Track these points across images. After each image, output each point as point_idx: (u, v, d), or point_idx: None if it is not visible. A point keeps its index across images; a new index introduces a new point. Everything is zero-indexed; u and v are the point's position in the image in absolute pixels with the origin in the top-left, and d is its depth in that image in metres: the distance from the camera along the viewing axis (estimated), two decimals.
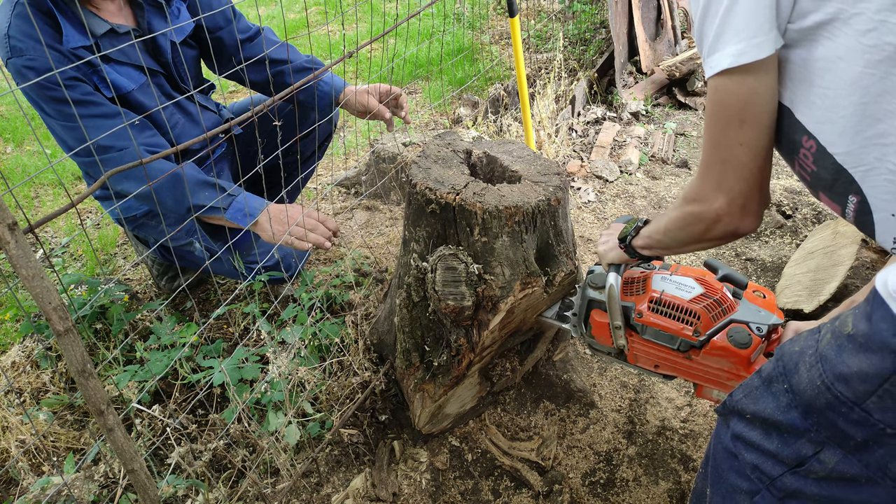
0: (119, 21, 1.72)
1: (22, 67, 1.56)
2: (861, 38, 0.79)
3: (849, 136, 0.86)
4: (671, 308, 1.34)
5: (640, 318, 1.37)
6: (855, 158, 0.87)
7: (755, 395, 0.94)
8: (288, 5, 6.09)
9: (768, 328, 1.27)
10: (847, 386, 0.77)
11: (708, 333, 1.30)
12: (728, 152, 0.95)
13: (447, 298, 1.48)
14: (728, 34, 0.88)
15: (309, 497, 1.66)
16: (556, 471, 1.69)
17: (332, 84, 2.03)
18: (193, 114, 1.95)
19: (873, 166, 0.86)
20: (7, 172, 3.31)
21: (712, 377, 1.35)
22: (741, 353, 1.26)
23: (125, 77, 1.73)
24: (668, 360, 1.40)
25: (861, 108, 0.83)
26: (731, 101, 0.91)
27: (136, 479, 1.17)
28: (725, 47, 0.88)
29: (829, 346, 0.81)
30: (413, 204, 1.55)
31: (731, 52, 0.88)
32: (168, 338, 1.80)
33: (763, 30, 0.86)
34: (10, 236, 0.87)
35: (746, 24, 0.86)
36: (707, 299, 1.31)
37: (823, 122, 0.89)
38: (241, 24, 1.99)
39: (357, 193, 2.98)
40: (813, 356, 0.83)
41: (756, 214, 1.01)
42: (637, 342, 1.42)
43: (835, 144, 0.89)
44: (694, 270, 1.39)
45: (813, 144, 0.92)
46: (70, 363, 1.00)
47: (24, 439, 1.73)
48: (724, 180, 0.98)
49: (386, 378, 1.80)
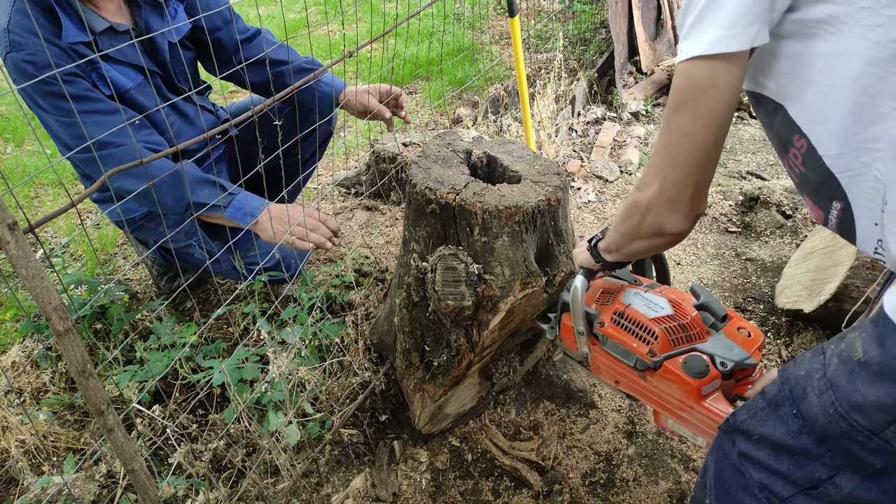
0: (118, 19, 1.73)
1: (21, 62, 1.56)
2: (867, 33, 0.77)
3: (841, 138, 0.84)
4: (632, 323, 1.29)
5: (601, 328, 1.34)
6: (844, 162, 0.86)
7: (761, 417, 0.91)
8: (288, 5, 6.09)
9: (733, 365, 1.20)
10: (863, 415, 0.74)
11: (664, 356, 1.24)
12: (672, 138, 0.93)
13: (447, 298, 1.48)
14: (707, 21, 0.85)
15: (309, 497, 1.66)
16: (556, 471, 1.69)
17: (332, 84, 2.03)
18: (190, 115, 1.95)
19: (860, 172, 0.84)
20: (7, 172, 3.31)
21: (665, 403, 1.29)
22: (692, 382, 1.19)
23: (123, 75, 1.74)
24: (626, 378, 1.35)
25: (857, 109, 0.81)
26: (691, 86, 0.89)
27: (136, 479, 1.17)
28: (701, 34, 0.86)
29: (838, 371, 0.78)
30: (413, 204, 1.55)
31: (706, 39, 0.85)
32: (168, 338, 1.80)
33: (741, 22, 0.83)
34: (10, 236, 0.87)
35: (727, 13, 0.84)
36: (671, 321, 1.26)
37: (817, 120, 0.87)
38: (239, 24, 1.99)
39: (357, 193, 2.98)
40: (821, 381, 0.80)
41: (684, 214, 0.98)
42: (599, 353, 1.38)
43: (826, 146, 0.87)
44: (677, 293, 1.35)
45: (804, 144, 0.90)
46: (70, 363, 1.00)
47: (24, 439, 1.73)
48: (661, 166, 0.96)
49: (386, 378, 1.80)
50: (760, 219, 2.69)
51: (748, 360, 1.21)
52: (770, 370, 1.24)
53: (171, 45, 1.84)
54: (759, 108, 0.99)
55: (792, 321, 2.17)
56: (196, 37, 1.94)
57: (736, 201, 2.86)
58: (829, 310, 1.98)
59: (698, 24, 0.86)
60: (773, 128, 0.95)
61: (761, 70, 0.93)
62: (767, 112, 0.96)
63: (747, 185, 3.03)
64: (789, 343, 2.09)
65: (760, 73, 0.93)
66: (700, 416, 1.21)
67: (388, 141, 2.80)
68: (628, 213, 1.07)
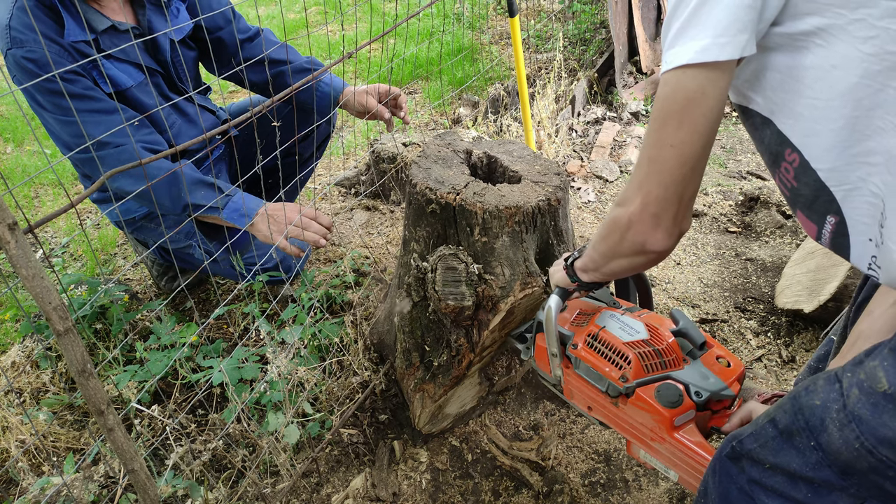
0: (120, 18, 1.73)
1: (21, 59, 1.56)
2: (860, 45, 0.74)
3: (835, 152, 0.82)
4: (605, 346, 1.23)
5: (574, 350, 1.28)
6: (838, 176, 0.83)
7: (773, 446, 0.87)
8: (288, 5, 6.09)
9: (708, 395, 1.14)
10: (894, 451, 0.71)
11: (636, 382, 1.18)
12: (657, 151, 0.89)
13: (447, 298, 1.48)
14: (695, 29, 0.82)
15: (309, 497, 1.66)
16: (556, 471, 1.69)
17: (331, 85, 2.03)
18: (191, 115, 1.95)
19: (856, 186, 0.82)
20: (7, 172, 3.31)
21: (636, 433, 1.22)
22: (664, 412, 1.13)
23: (124, 74, 1.73)
24: (598, 404, 1.29)
25: (852, 122, 0.78)
26: (678, 96, 0.86)
27: (135, 479, 1.17)
28: (688, 42, 0.82)
29: (860, 404, 0.74)
30: (413, 204, 1.55)
31: (694, 47, 0.82)
32: (168, 338, 1.80)
33: (731, 30, 0.80)
34: (11, 236, 0.87)
35: (717, 21, 0.80)
36: (646, 346, 1.20)
37: (810, 134, 0.84)
38: (240, 24, 1.99)
39: (357, 193, 2.98)
40: (841, 414, 0.76)
41: (668, 232, 0.94)
42: (572, 376, 1.33)
43: (819, 160, 0.84)
44: (655, 318, 1.29)
45: (796, 158, 0.87)
46: (70, 363, 1.00)
47: (24, 439, 1.73)
48: (645, 181, 0.92)
49: (386, 378, 1.79)
50: (760, 219, 2.70)
51: (725, 391, 1.16)
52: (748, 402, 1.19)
53: (173, 45, 1.84)
54: (748, 122, 0.96)
55: (792, 321, 2.17)
56: (197, 36, 1.94)
57: (736, 201, 2.86)
58: (829, 310, 1.98)
59: (685, 32, 0.83)
60: (763, 142, 0.92)
61: (748, 83, 0.90)
62: (756, 126, 0.93)
63: (747, 185, 3.03)
64: (789, 343, 2.09)
65: (748, 86, 0.91)
66: (672, 448, 1.16)
67: (388, 141, 2.80)
68: (608, 230, 1.03)
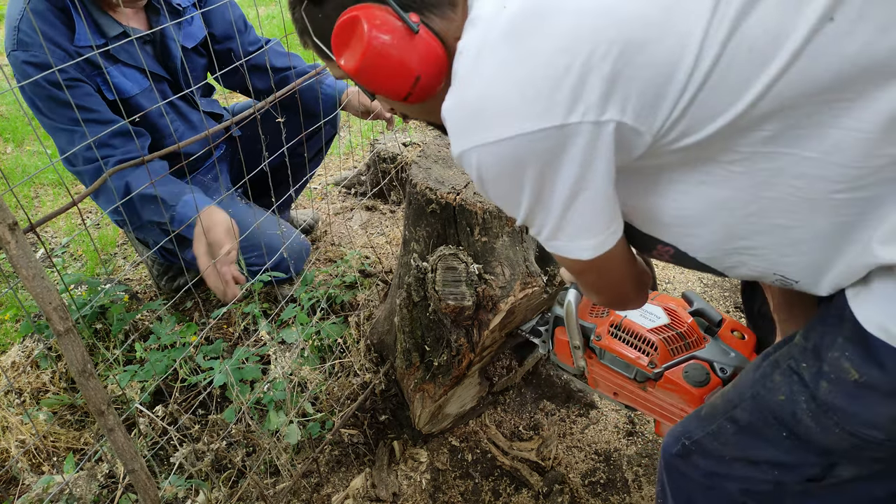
0: (133, 24, 1.72)
1: (22, 62, 1.56)
2: (730, 165, 0.73)
3: (715, 249, 0.83)
4: (630, 335, 1.28)
5: (598, 342, 1.32)
6: (719, 261, 0.86)
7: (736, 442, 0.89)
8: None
9: (733, 370, 1.19)
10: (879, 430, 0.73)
11: (664, 366, 1.23)
12: (594, 287, 0.95)
13: (447, 298, 1.48)
14: (577, 229, 0.78)
15: (309, 497, 1.66)
16: (556, 471, 1.69)
17: (334, 87, 2.04)
18: (195, 122, 1.95)
19: (739, 265, 0.84)
20: (7, 172, 3.31)
21: (667, 414, 1.28)
22: (694, 391, 1.19)
23: (130, 80, 1.73)
24: (626, 390, 1.34)
25: (727, 228, 0.79)
26: (591, 274, 0.88)
27: (136, 480, 1.17)
28: (576, 241, 0.80)
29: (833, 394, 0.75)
30: (413, 204, 1.55)
31: (589, 245, 0.80)
32: (168, 338, 1.80)
33: (616, 215, 0.80)
34: (11, 236, 0.87)
35: (601, 212, 0.77)
36: (669, 331, 1.25)
37: (683, 236, 0.85)
38: (251, 36, 1.99)
39: (357, 193, 2.98)
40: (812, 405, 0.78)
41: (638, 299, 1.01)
42: (596, 366, 1.36)
43: (699, 252, 0.86)
44: (669, 300, 1.33)
45: (671, 249, 0.88)
46: (70, 363, 1.00)
47: (24, 439, 1.73)
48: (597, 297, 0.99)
49: (386, 378, 1.80)
50: None
51: (746, 363, 1.20)
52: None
53: (185, 52, 1.83)
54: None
55: None
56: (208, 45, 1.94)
57: None
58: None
59: (564, 230, 0.79)
60: (628, 235, 0.90)
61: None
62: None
63: None
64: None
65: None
66: None
67: (389, 141, 2.80)
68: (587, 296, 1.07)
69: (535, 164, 0.71)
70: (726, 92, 0.67)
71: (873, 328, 0.71)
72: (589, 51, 0.66)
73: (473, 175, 0.76)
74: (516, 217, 0.80)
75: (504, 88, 0.69)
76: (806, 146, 0.69)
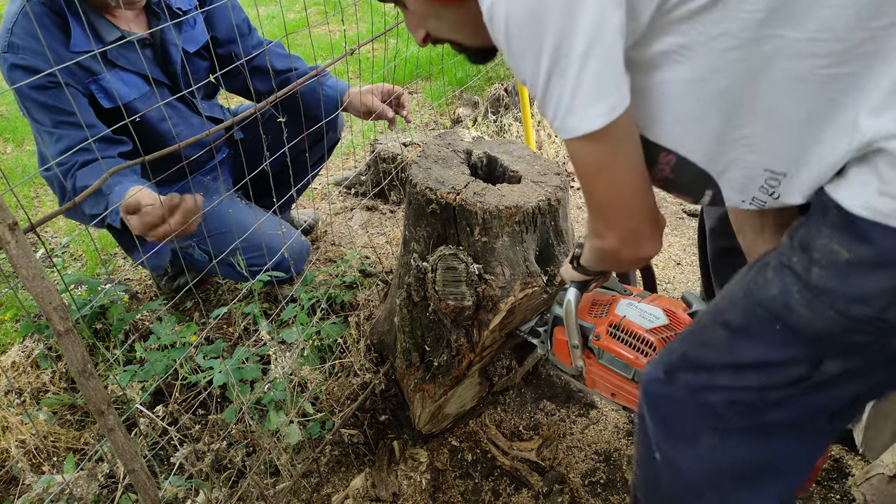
0: (132, 28, 1.71)
1: (11, 65, 1.55)
2: (725, 54, 0.77)
3: (713, 143, 0.86)
4: (629, 335, 1.27)
5: (597, 342, 1.31)
6: (716, 160, 0.88)
7: (727, 346, 0.92)
8: (288, 5, 6.09)
9: None
10: (867, 305, 0.77)
11: None
12: (609, 197, 0.93)
13: (447, 298, 1.48)
14: (591, 91, 0.79)
15: (309, 497, 1.66)
16: (556, 471, 1.69)
17: (336, 89, 2.03)
18: (196, 125, 1.94)
19: (733, 162, 0.87)
20: (7, 172, 3.31)
21: None
22: None
23: (129, 85, 1.72)
24: (624, 391, 1.33)
25: (726, 119, 0.83)
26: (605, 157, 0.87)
27: (136, 480, 1.17)
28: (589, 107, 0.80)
29: (824, 278, 0.79)
30: (413, 204, 1.55)
31: (602, 109, 0.80)
32: (168, 338, 1.80)
33: (625, 79, 0.81)
34: (11, 236, 0.87)
35: (611, 75, 0.79)
36: (668, 332, 1.25)
37: (684, 136, 0.87)
38: (254, 39, 1.99)
39: (357, 193, 2.98)
40: (805, 292, 0.81)
41: (652, 239, 1.00)
42: (594, 366, 1.36)
43: (697, 153, 0.88)
44: (668, 301, 1.34)
45: (672, 158, 0.90)
46: (70, 363, 1.00)
47: (24, 439, 1.73)
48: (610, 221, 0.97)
49: (386, 378, 1.80)
50: None
51: None
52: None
53: (186, 56, 1.83)
54: None
55: None
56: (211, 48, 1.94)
57: None
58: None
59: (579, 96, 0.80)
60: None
61: None
62: None
63: None
64: None
65: None
66: None
67: (389, 141, 2.80)
68: (600, 256, 1.08)
69: (559, 7, 0.76)
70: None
71: (858, 209, 0.76)
72: None
73: (501, 31, 0.80)
74: (535, 89, 0.83)
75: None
76: (796, 26, 0.73)
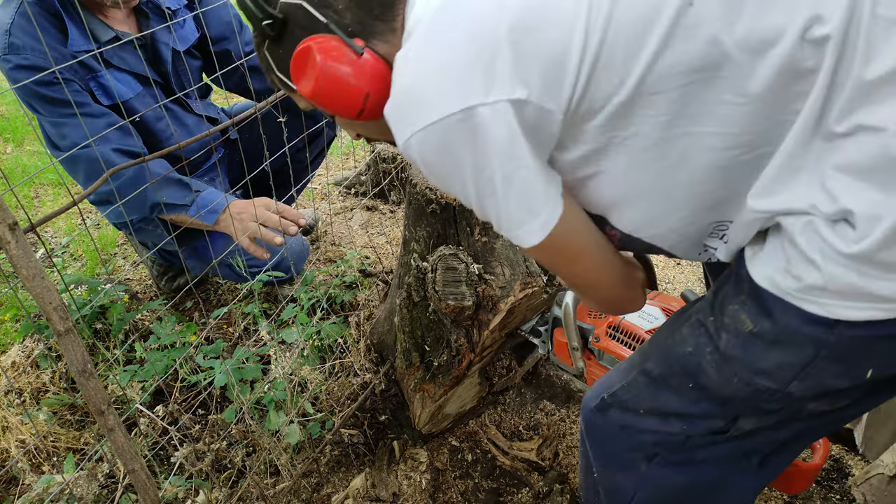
0: (124, 28, 1.73)
1: (13, 66, 1.56)
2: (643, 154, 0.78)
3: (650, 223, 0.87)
4: (628, 336, 1.27)
5: (597, 343, 1.32)
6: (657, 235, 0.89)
7: (648, 394, 0.94)
8: None
9: None
10: (769, 378, 0.79)
11: None
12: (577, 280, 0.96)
13: (447, 298, 1.48)
14: (521, 212, 0.81)
15: (309, 497, 1.66)
16: (556, 471, 1.69)
17: None
18: (190, 125, 1.94)
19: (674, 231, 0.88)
20: (7, 172, 3.31)
21: None
22: None
23: (124, 85, 1.74)
24: None
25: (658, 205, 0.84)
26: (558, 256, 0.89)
27: (136, 480, 1.17)
28: (524, 225, 0.82)
29: (731, 345, 0.81)
30: (413, 204, 1.55)
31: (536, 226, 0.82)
32: (168, 338, 1.80)
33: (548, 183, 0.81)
34: (11, 236, 0.87)
35: (536, 192, 0.80)
36: None
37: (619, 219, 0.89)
38: (247, 36, 1.99)
39: (357, 193, 2.98)
40: (716, 355, 0.84)
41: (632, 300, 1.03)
42: (595, 367, 1.36)
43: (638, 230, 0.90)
44: (668, 300, 1.33)
45: (616, 234, 0.92)
46: (70, 363, 1.00)
47: (24, 439, 1.73)
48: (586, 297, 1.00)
49: (386, 378, 1.80)
50: None
51: None
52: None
53: (176, 55, 1.83)
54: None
55: None
56: (202, 46, 1.94)
57: None
58: None
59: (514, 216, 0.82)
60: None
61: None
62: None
63: None
64: None
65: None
66: None
67: None
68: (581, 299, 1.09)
69: (467, 144, 0.76)
70: (615, 72, 0.73)
71: (764, 282, 0.78)
72: (492, 38, 0.73)
73: (419, 164, 0.81)
74: (472, 206, 0.84)
75: (428, 78, 0.76)
76: (703, 123, 0.75)
